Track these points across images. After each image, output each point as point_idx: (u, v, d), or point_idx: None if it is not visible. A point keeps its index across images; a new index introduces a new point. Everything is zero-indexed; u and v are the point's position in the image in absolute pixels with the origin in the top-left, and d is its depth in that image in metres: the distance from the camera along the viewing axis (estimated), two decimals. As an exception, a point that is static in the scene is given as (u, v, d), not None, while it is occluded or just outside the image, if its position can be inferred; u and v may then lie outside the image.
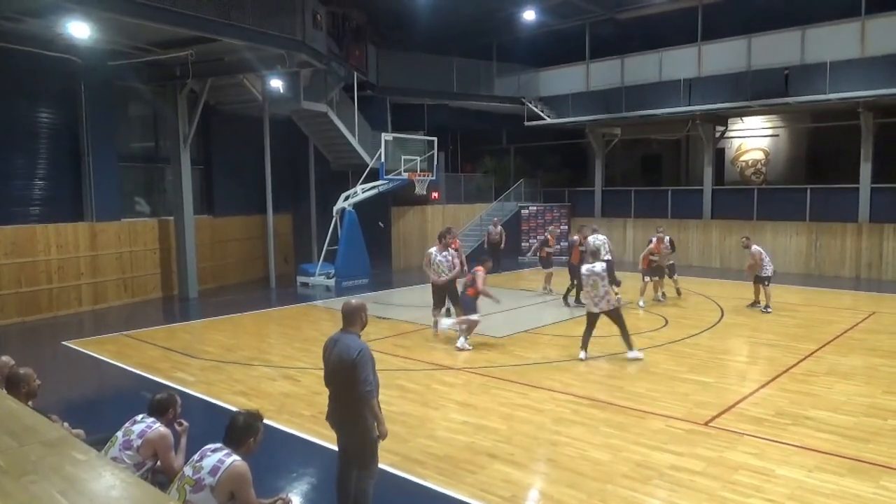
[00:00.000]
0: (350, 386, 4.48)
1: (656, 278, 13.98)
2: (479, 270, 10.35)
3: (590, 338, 9.48)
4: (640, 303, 13.57)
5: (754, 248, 13.12)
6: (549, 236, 15.88)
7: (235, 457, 3.73)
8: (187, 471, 3.72)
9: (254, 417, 4.00)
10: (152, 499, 2.91)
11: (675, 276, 14.45)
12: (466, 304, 10.32)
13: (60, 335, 11.56)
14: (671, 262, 14.38)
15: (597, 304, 9.34)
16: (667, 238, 14.17)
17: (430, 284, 11.35)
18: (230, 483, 3.62)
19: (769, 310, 12.67)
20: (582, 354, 9.46)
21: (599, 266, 9.34)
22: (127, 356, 10.03)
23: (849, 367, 8.98)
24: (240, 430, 3.88)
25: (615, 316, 9.37)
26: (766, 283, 12.80)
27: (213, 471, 3.63)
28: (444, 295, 11.12)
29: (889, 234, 17.47)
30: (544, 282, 15.41)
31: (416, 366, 9.34)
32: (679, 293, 14.38)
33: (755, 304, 13.13)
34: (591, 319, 9.46)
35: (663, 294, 14.24)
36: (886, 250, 17.53)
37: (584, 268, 9.49)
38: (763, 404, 7.44)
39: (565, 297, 13.83)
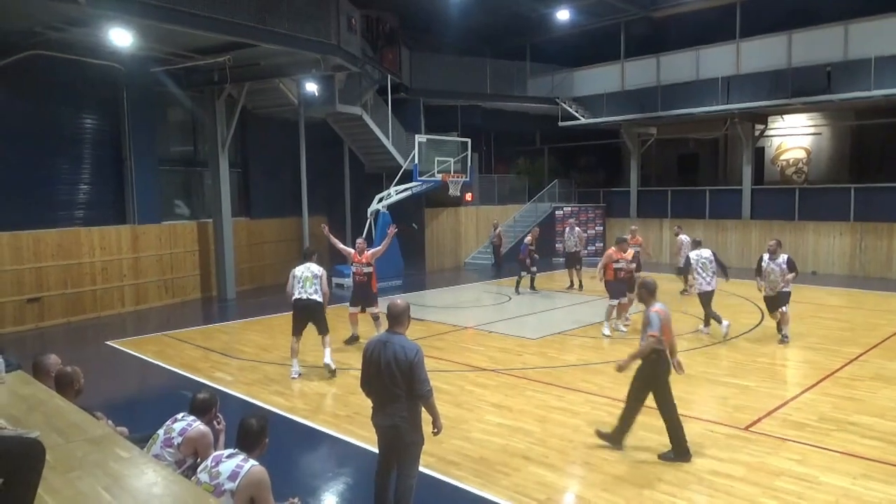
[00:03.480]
0: (406, 385, 4.50)
1: (623, 299, 11.06)
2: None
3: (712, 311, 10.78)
4: (605, 330, 10.96)
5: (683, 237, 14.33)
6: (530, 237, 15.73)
7: (253, 461, 3.76)
8: (203, 477, 3.73)
9: (264, 420, 4.09)
10: (192, 496, 2.98)
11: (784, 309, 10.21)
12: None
13: (104, 335, 11.88)
14: (784, 287, 9.99)
15: (709, 282, 10.68)
16: (785, 257, 10.03)
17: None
18: (251, 488, 3.64)
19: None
20: (725, 323, 10.56)
21: (707, 251, 10.88)
22: (168, 356, 10.26)
23: (895, 371, 8.70)
24: (255, 434, 3.96)
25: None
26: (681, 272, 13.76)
27: (233, 476, 3.65)
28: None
29: (938, 234, 16.91)
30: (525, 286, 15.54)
31: (450, 367, 9.35)
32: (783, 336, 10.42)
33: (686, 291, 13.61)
34: (707, 298, 10.72)
35: (626, 318, 11.38)
36: (935, 251, 16.98)
37: (693, 253, 10.90)
38: (805, 409, 7.27)
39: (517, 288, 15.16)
